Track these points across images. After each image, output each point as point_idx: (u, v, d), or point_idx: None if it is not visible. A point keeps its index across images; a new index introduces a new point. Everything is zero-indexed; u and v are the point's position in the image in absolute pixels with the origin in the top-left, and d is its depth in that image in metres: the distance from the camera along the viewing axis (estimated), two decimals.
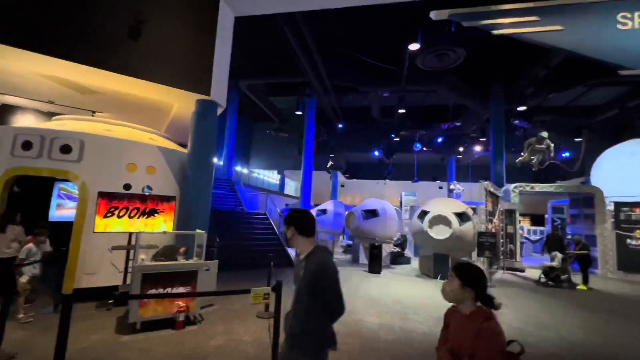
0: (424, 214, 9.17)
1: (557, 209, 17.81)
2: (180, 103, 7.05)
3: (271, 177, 26.88)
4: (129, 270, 5.19)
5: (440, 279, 8.53)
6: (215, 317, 4.82)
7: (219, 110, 7.05)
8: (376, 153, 21.03)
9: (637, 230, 10.88)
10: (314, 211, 13.57)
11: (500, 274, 10.09)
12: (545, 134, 11.90)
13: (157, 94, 6.62)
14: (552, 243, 9.27)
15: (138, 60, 5.82)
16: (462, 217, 8.79)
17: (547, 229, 18.41)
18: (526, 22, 6.02)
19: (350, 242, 12.85)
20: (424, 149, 19.92)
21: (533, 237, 19.09)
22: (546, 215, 18.88)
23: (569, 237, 12.75)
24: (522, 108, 13.60)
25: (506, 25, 6.09)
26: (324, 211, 13.29)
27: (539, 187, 12.55)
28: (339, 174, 26.08)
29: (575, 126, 17.52)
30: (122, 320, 4.43)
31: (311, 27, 10.67)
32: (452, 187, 21.73)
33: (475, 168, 25.20)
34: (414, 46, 9.35)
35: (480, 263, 8.66)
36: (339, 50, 13.06)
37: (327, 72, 13.41)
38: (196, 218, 6.05)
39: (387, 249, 10.95)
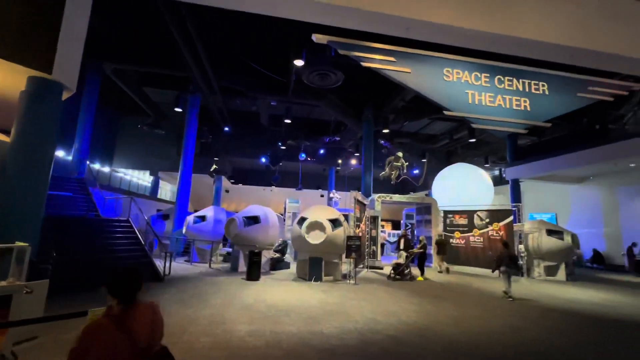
0: (302, 220, 9.73)
1: (409, 216, 21.87)
2: (4, 76, 5.43)
3: (142, 178, 23.45)
4: None
5: (314, 280, 9.15)
6: (38, 354, 3.82)
7: (67, 94, 5.75)
8: (263, 160, 21.15)
9: (457, 232, 14.37)
10: (191, 218, 12.52)
11: (364, 272, 11.60)
12: (400, 153, 14.52)
13: None
14: (405, 244, 11.53)
15: None
16: (335, 222, 9.72)
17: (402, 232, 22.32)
18: (386, 60, 7.34)
19: (230, 249, 12.40)
20: (309, 158, 21.26)
21: (392, 239, 22.73)
22: (401, 221, 22.88)
23: (417, 238, 15.78)
24: (385, 131, 16.19)
25: (371, 60, 7.26)
26: (202, 218, 12.43)
27: (395, 197, 15.11)
28: (224, 179, 24.98)
29: (422, 149, 21.97)
30: None
31: (198, 24, 10.01)
32: (331, 195, 23.81)
33: (351, 179, 28.40)
34: (298, 62, 9.96)
35: (349, 263, 9.77)
36: (228, 52, 12.68)
37: (214, 72, 12.79)
38: (19, 227, 4.71)
39: (268, 255, 11.08)
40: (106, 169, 19.67)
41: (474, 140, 18.68)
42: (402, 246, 11.10)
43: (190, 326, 4.96)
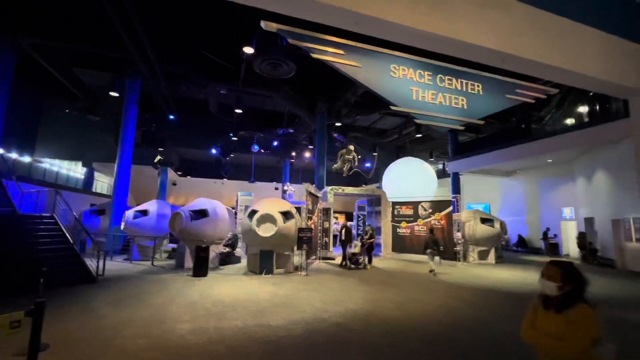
0: (253, 213, 9.53)
1: (361, 207, 22.63)
2: None
3: (73, 170, 21.05)
4: None
5: (265, 273, 9.06)
6: None
7: None
8: (214, 151, 20.24)
9: (403, 222, 15.21)
10: (130, 213, 11.56)
11: (316, 263, 11.78)
12: (352, 147, 14.89)
13: None
14: (345, 234, 11.94)
15: None
16: (287, 215, 9.68)
17: (355, 223, 23.02)
18: (336, 53, 7.38)
19: (175, 245, 11.73)
20: (262, 150, 20.82)
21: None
22: (354, 212, 23.59)
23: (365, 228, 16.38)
24: (338, 124, 16.45)
25: (322, 52, 7.25)
26: (144, 212, 11.54)
27: (348, 189, 15.50)
28: (170, 171, 23.45)
29: (373, 143, 22.78)
30: None
31: (138, 3, 9.11)
32: (286, 188, 23.67)
33: (306, 172, 28.49)
34: (248, 49, 9.61)
35: (300, 255, 9.83)
36: (173, 34, 11.76)
37: (157, 55, 11.80)
38: None
39: (218, 249, 10.69)
40: (26, 159, 17.26)
41: (420, 135, 19.83)
42: (343, 237, 11.41)
43: (125, 328, 4.60)
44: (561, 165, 17.37)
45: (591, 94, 14.50)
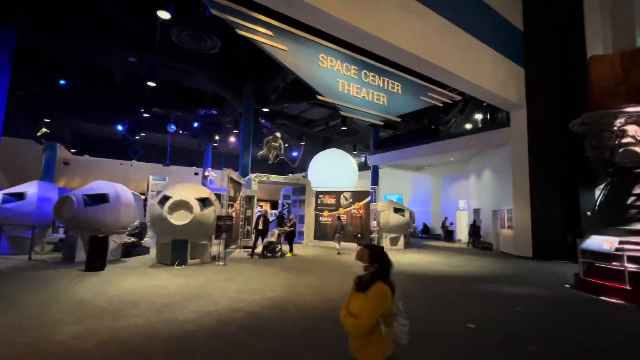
0: (165, 199, 8.62)
1: (287, 196, 22.66)
2: None
3: None
4: None
5: (177, 265, 8.34)
6: None
7: None
8: (120, 128, 17.63)
9: (326, 211, 15.74)
10: None
11: (236, 253, 11.36)
12: (278, 134, 14.65)
13: None
14: (279, 222, 11.75)
15: None
16: (205, 202, 9.02)
17: (282, 211, 22.95)
18: (263, 33, 7.05)
19: (63, 235, 9.91)
20: (180, 131, 18.99)
21: (270, 219, 23.10)
22: (279, 201, 23.49)
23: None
24: (266, 110, 15.97)
25: (248, 30, 6.82)
26: (20, 196, 9.41)
27: (273, 177, 15.26)
28: (61, 148, 19.62)
29: (301, 133, 22.87)
30: None
31: None
32: (207, 173, 22.16)
33: (230, 157, 27.12)
34: (163, 14, 8.47)
35: (219, 244, 9.32)
36: None
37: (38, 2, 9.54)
38: None
39: (121, 239, 9.41)
40: None
41: (345, 128, 20.63)
42: (260, 226, 11.06)
43: None
44: (460, 164, 20.16)
45: (485, 104, 17.05)
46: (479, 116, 19.97)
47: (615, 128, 7.08)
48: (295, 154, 24.88)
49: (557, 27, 12.49)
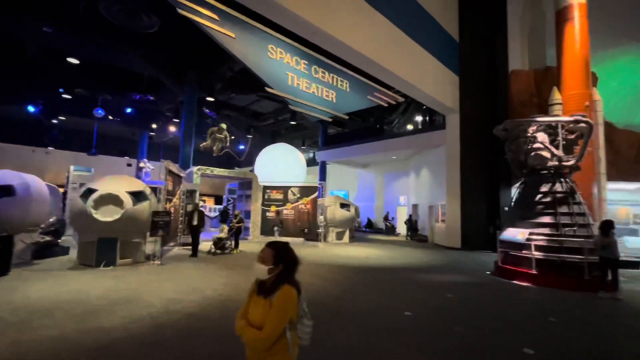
0: (89, 192, 7.64)
1: (232, 191, 21.82)
2: None
3: None
4: None
5: (103, 266, 7.48)
6: None
7: None
8: (31, 109, 15.15)
9: (273, 206, 15.51)
10: None
11: (175, 250, 10.60)
12: (224, 125, 13.96)
13: None
14: (223, 217, 11.16)
15: None
16: (138, 196, 8.21)
17: (226, 206, 22.00)
18: (207, 16, 6.59)
19: None
20: (111, 117, 17.01)
21: (213, 214, 22.04)
22: (224, 195, 22.52)
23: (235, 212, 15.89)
24: (211, 99, 15.11)
25: (191, 10, 6.32)
26: None
27: (217, 171, 14.52)
28: None
29: (249, 125, 22.16)
30: None
31: None
32: (142, 165, 20.26)
33: (170, 148, 25.18)
34: None
35: (153, 242, 8.59)
36: None
37: None
38: None
39: (32, 239, 8.13)
40: None
41: (294, 123, 20.51)
42: (195, 222, 10.06)
43: None
44: (402, 162, 21.44)
45: (424, 107, 18.32)
46: (419, 118, 21.44)
47: (529, 135, 8.13)
48: (242, 147, 24.05)
49: (487, 41, 13.91)
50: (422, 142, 17.46)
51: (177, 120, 18.67)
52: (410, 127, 22.22)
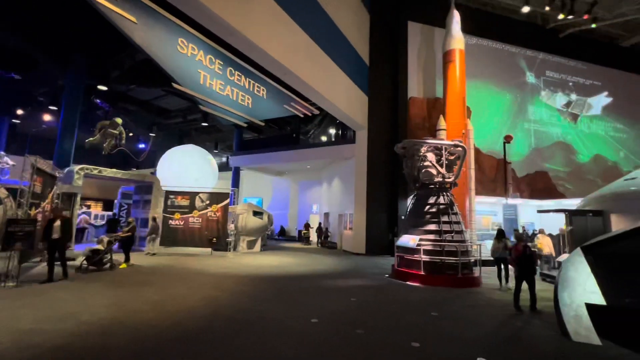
0: None
1: (127, 195, 18.96)
2: None
3: None
4: None
5: None
6: None
7: None
8: None
9: (177, 213, 14.07)
10: None
11: (42, 267, 8.55)
12: (119, 120, 12.13)
13: None
14: (111, 226, 9.50)
15: None
16: None
17: (115, 213, 18.93)
18: None
19: None
20: None
21: (99, 222, 18.74)
22: (115, 201, 19.41)
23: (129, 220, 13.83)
24: (103, 88, 13.00)
25: None
26: None
27: (108, 172, 12.45)
28: None
29: (152, 122, 19.83)
30: None
31: None
32: None
33: (42, 141, 20.51)
34: None
35: (7, 257, 6.75)
36: None
37: None
38: None
39: None
40: None
41: (206, 124, 19.25)
42: (56, 234, 7.76)
43: None
44: (315, 171, 22.23)
45: (338, 121, 19.51)
46: (332, 131, 22.69)
47: (421, 154, 9.43)
48: (142, 145, 21.30)
49: (392, 69, 15.72)
50: (334, 154, 18.48)
51: (55, 108, 15.38)
52: (324, 138, 23.31)
